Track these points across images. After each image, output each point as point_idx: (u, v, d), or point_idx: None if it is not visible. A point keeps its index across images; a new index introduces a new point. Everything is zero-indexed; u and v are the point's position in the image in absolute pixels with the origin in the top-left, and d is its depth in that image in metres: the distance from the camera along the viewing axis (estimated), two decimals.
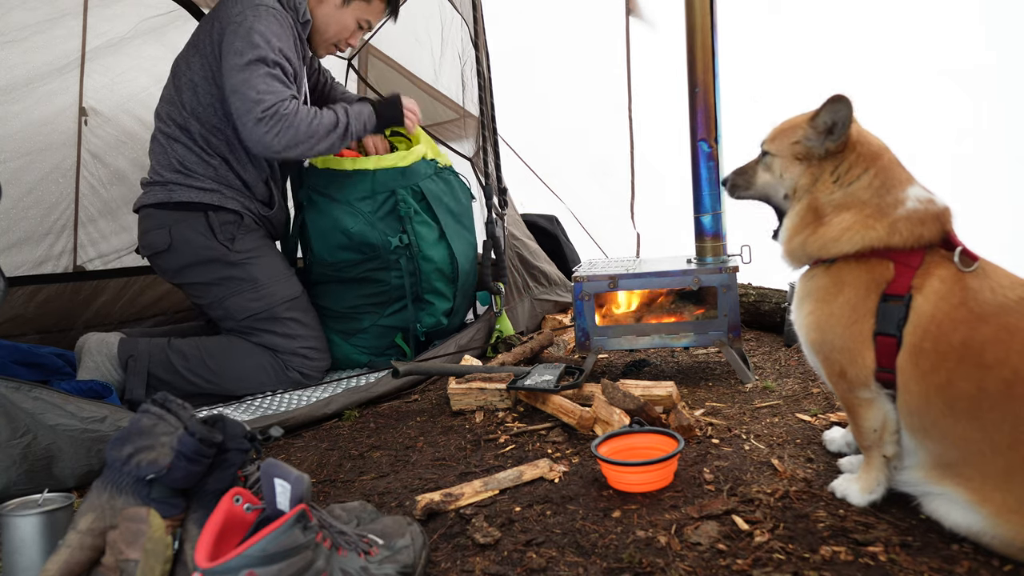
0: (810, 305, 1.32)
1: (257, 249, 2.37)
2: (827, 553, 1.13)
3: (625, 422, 1.64)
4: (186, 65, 2.30)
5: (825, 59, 2.78)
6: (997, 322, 1.12)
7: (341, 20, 2.40)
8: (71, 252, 3.10)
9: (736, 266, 2.05)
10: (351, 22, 2.42)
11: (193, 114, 2.28)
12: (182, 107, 2.28)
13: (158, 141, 2.34)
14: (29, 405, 1.61)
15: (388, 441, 1.89)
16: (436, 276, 2.53)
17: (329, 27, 2.41)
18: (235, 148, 2.33)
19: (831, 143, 1.29)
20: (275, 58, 2.16)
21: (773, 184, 1.42)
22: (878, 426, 1.25)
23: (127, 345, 2.21)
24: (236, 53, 2.13)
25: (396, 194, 2.43)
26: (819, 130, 1.31)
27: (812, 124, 1.32)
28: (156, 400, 1.16)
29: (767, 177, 1.43)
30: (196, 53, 2.28)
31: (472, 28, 2.96)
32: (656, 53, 3.22)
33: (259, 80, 2.12)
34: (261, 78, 2.12)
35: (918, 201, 1.24)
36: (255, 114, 2.11)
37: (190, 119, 2.28)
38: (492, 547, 1.25)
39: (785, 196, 1.41)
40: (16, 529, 1.22)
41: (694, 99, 2.11)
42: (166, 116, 2.32)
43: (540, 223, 3.45)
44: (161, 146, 2.32)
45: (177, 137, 2.30)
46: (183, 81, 2.29)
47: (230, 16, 2.18)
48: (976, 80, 2.49)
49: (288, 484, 1.04)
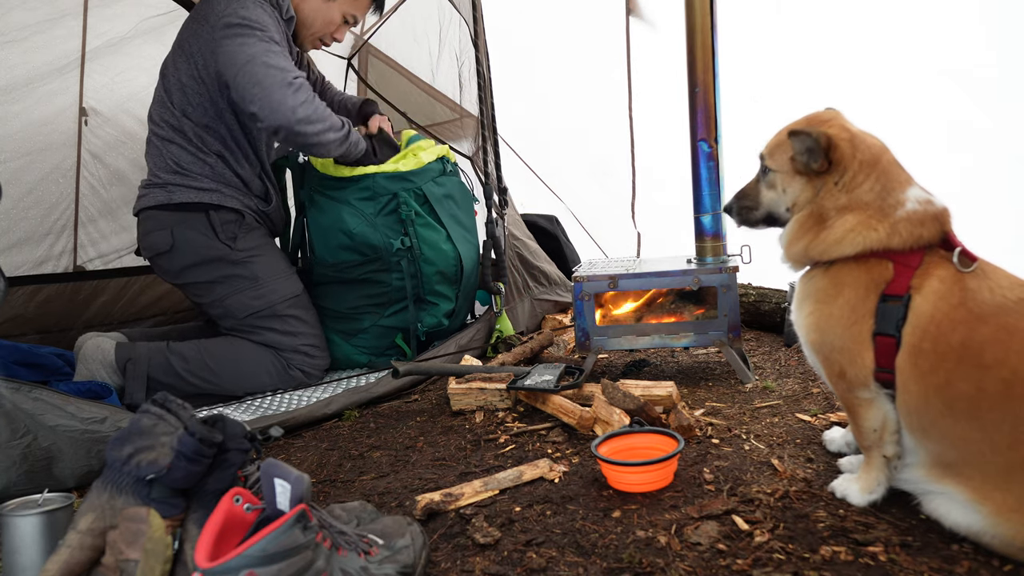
0: (810, 306, 1.32)
1: (258, 247, 2.38)
2: (827, 553, 1.14)
3: (625, 422, 1.64)
4: (173, 67, 2.30)
5: (825, 59, 2.78)
6: (996, 322, 1.12)
7: (327, 15, 2.43)
8: (71, 252, 3.10)
9: (736, 266, 2.05)
10: (337, 16, 2.45)
11: (184, 114, 2.29)
12: (172, 108, 2.29)
13: (153, 143, 2.34)
14: (29, 406, 1.61)
15: (388, 441, 1.89)
16: (438, 278, 2.53)
17: (315, 22, 2.43)
18: (229, 144, 2.34)
19: (814, 164, 1.30)
20: (278, 40, 2.19)
21: (776, 200, 1.41)
22: (878, 426, 1.25)
23: (125, 349, 2.21)
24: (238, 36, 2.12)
25: (398, 197, 2.43)
26: (801, 152, 1.31)
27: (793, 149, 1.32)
28: (156, 400, 1.16)
29: (771, 195, 1.41)
30: (181, 54, 2.29)
31: (472, 27, 2.96)
32: (656, 53, 3.22)
33: (276, 56, 2.14)
34: (275, 55, 2.14)
35: (917, 202, 1.24)
36: (283, 79, 2.10)
37: (182, 119, 2.29)
38: (492, 547, 1.26)
39: (787, 209, 1.40)
40: (16, 529, 1.22)
41: (694, 99, 2.11)
42: (158, 118, 2.33)
43: (540, 223, 3.45)
44: (156, 148, 2.33)
45: (171, 138, 2.30)
46: (171, 83, 2.29)
47: (219, 13, 2.19)
48: (976, 80, 2.49)
49: (288, 484, 1.04)
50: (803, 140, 1.29)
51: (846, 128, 1.32)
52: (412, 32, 3.29)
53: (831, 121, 1.33)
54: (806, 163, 1.31)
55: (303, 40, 2.48)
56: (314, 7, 2.40)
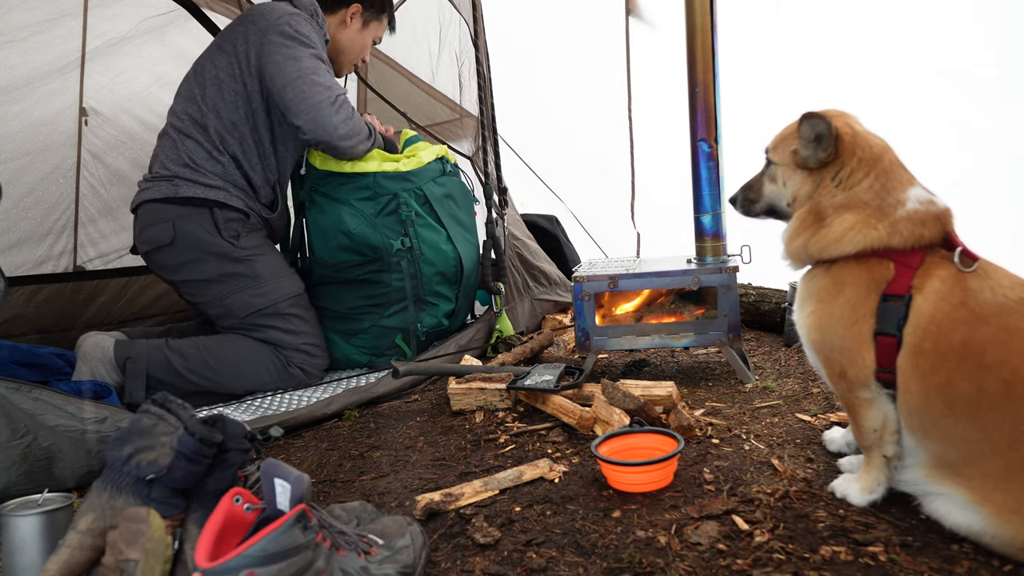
0: (811, 305, 1.32)
1: (260, 247, 2.38)
2: (827, 553, 1.13)
3: (625, 422, 1.64)
4: (211, 63, 2.35)
5: (825, 59, 2.78)
6: (997, 322, 1.12)
7: (362, 41, 2.61)
8: (71, 252, 3.10)
9: (736, 266, 2.05)
10: (369, 41, 2.64)
11: (214, 109, 2.32)
12: (203, 102, 2.33)
13: (169, 136, 2.37)
14: (29, 406, 1.61)
15: (388, 441, 1.89)
16: (438, 279, 2.53)
17: (352, 49, 2.60)
18: (247, 148, 2.38)
19: (821, 153, 1.30)
20: (325, 60, 2.35)
21: (778, 193, 1.43)
22: (878, 426, 1.25)
23: (124, 347, 2.21)
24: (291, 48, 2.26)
25: (398, 197, 2.43)
26: (807, 140, 1.32)
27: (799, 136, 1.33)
28: (156, 400, 1.16)
29: (772, 187, 1.44)
30: (221, 52, 2.35)
31: (472, 27, 2.96)
32: (656, 53, 3.22)
33: (323, 74, 2.29)
34: (323, 73, 2.29)
35: (919, 202, 1.24)
36: (328, 97, 2.25)
37: (209, 114, 2.32)
38: (492, 547, 1.26)
39: (788, 204, 1.42)
40: (16, 529, 1.22)
41: (694, 99, 2.11)
42: (181, 112, 2.36)
43: (540, 223, 3.45)
44: (172, 141, 2.35)
45: (190, 133, 2.33)
46: (207, 78, 2.34)
47: (272, 20, 2.29)
48: (976, 80, 2.49)
49: (288, 484, 1.04)
50: (815, 125, 1.30)
51: (850, 124, 1.33)
52: (412, 32, 3.29)
53: (838, 116, 1.34)
54: (812, 152, 1.32)
55: (340, 66, 2.63)
56: (351, 36, 2.57)
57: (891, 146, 1.32)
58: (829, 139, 1.29)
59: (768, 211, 1.49)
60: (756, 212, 1.51)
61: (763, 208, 1.49)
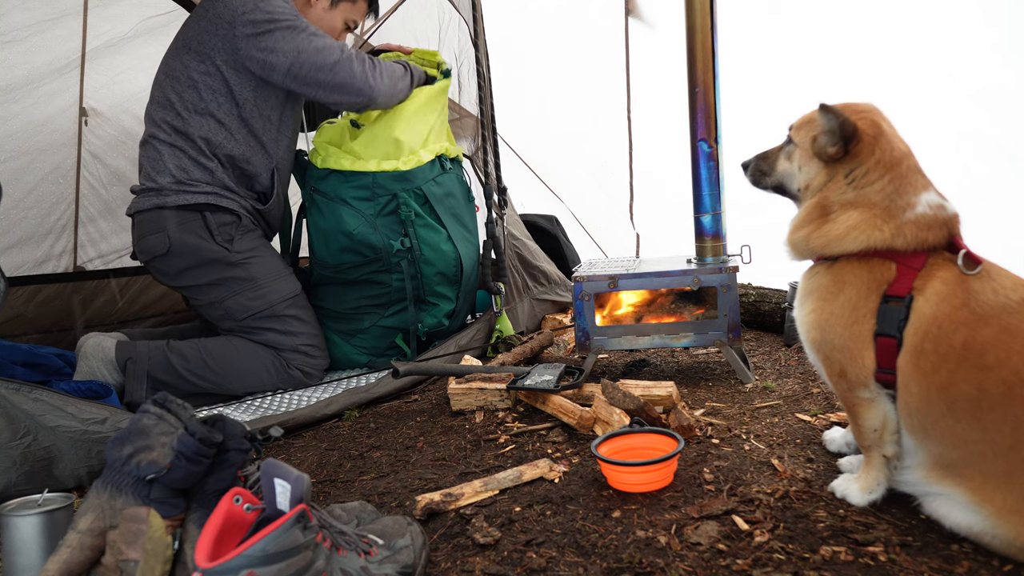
0: (812, 303, 1.32)
1: (255, 249, 2.37)
2: (827, 553, 1.13)
3: (625, 422, 1.64)
4: (181, 66, 2.27)
5: (825, 59, 2.78)
6: (998, 323, 1.11)
7: (331, 22, 2.49)
8: (71, 252, 3.10)
9: (736, 266, 2.05)
10: (339, 23, 2.52)
11: (196, 111, 2.26)
12: (182, 108, 2.25)
13: (152, 147, 2.29)
14: (29, 406, 1.61)
15: (388, 441, 1.89)
16: (438, 279, 2.53)
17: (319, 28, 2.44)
18: (239, 142, 2.31)
19: (830, 148, 1.29)
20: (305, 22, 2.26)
21: (791, 174, 1.41)
22: (878, 426, 1.25)
23: (125, 348, 2.21)
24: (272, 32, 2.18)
25: (397, 197, 2.43)
26: (825, 130, 1.30)
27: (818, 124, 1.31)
28: (156, 400, 1.16)
29: (787, 165, 1.42)
30: (188, 52, 2.26)
31: (471, 27, 2.96)
32: (656, 53, 3.22)
33: (318, 38, 2.22)
34: (317, 37, 2.23)
35: (928, 207, 1.23)
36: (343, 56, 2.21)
37: (191, 120, 2.25)
38: (492, 547, 1.25)
39: (798, 189, 1.40)
40: (16, 529, 1.22)
41: (694, 99, 2.11)
42: (161, 121, 2.29)
43: (540, 223, 3.45)
44: (156, 151, 2.28)
45: (173, 142, 2.27)
46: (181, 81, 2.26)
47: (237, 11, 2.19)
48: (976, 80, 2.49)
49: (288, 484, 1.04)
50: (830, 119, 1.27)
51: (876, 124, 1.29)
52: (412, 32, 3.29)
53: (865, 113, 1.30)
54: (825, 144, 1.30)
55: None
56: (318, 15, 2.46)
57: (913, 151, 1.30)
58: (838, 137, 1.27)
59: (777, 188, 1.46)
60: (765, 185, 1.48)
61: (773, 183, 1.46)
